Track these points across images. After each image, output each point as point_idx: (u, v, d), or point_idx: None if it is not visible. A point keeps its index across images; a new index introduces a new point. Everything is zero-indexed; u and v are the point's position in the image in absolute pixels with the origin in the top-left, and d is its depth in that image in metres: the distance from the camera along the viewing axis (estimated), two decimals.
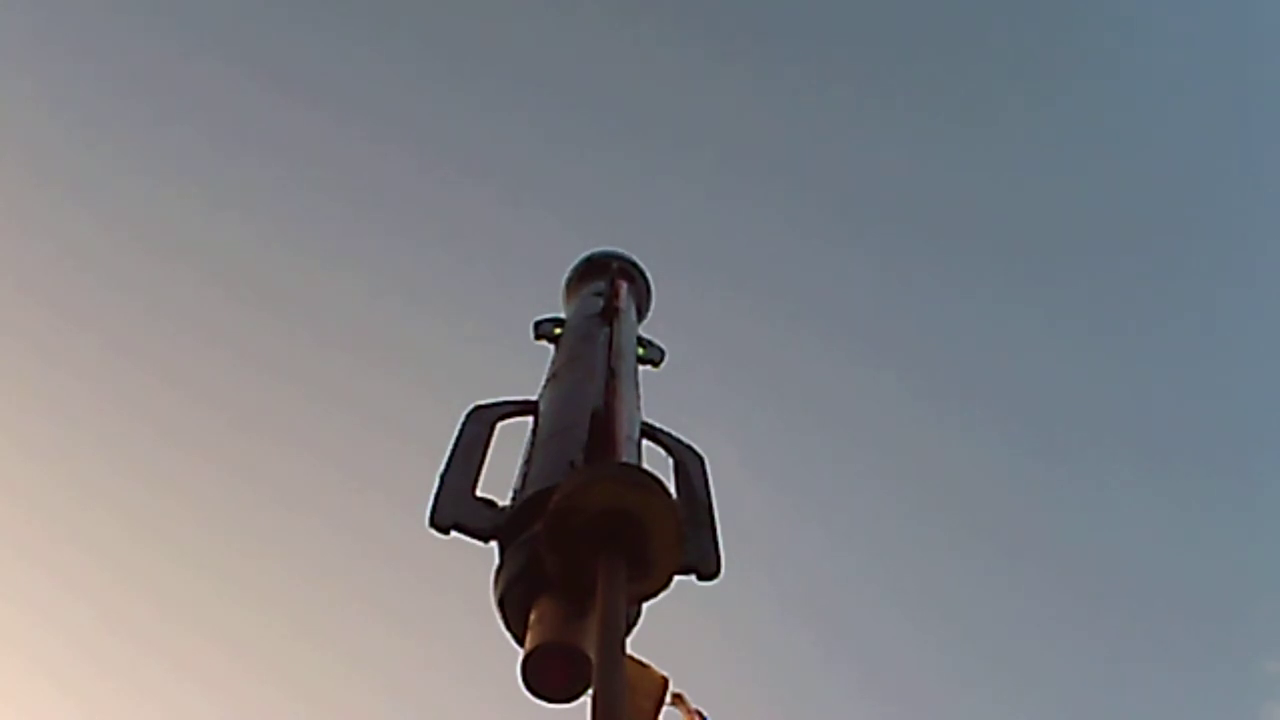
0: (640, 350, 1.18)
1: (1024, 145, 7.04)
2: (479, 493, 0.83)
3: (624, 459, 0.84)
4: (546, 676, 0.69)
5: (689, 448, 0.99)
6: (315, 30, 6.81)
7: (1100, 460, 6.74)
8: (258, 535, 6.44)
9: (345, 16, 6.83)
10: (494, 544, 0.78)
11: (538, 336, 1.17)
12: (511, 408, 0.97)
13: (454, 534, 0.79)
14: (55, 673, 5.93)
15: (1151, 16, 7.19)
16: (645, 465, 0.88)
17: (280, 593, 6.23)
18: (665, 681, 1.70)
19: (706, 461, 0.98)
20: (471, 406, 0.96)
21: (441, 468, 0.86)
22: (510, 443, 0.92)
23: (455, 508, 0.81)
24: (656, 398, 1.06)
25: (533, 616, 0.71)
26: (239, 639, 6.00)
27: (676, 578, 0.72)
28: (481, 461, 0.88)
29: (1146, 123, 6.95)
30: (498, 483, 0.85)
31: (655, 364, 1.21)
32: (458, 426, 0.93)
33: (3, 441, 6.16)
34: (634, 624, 0.75)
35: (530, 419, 0.96)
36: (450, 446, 0.89)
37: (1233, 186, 6.92)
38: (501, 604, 0.74)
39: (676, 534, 0.70)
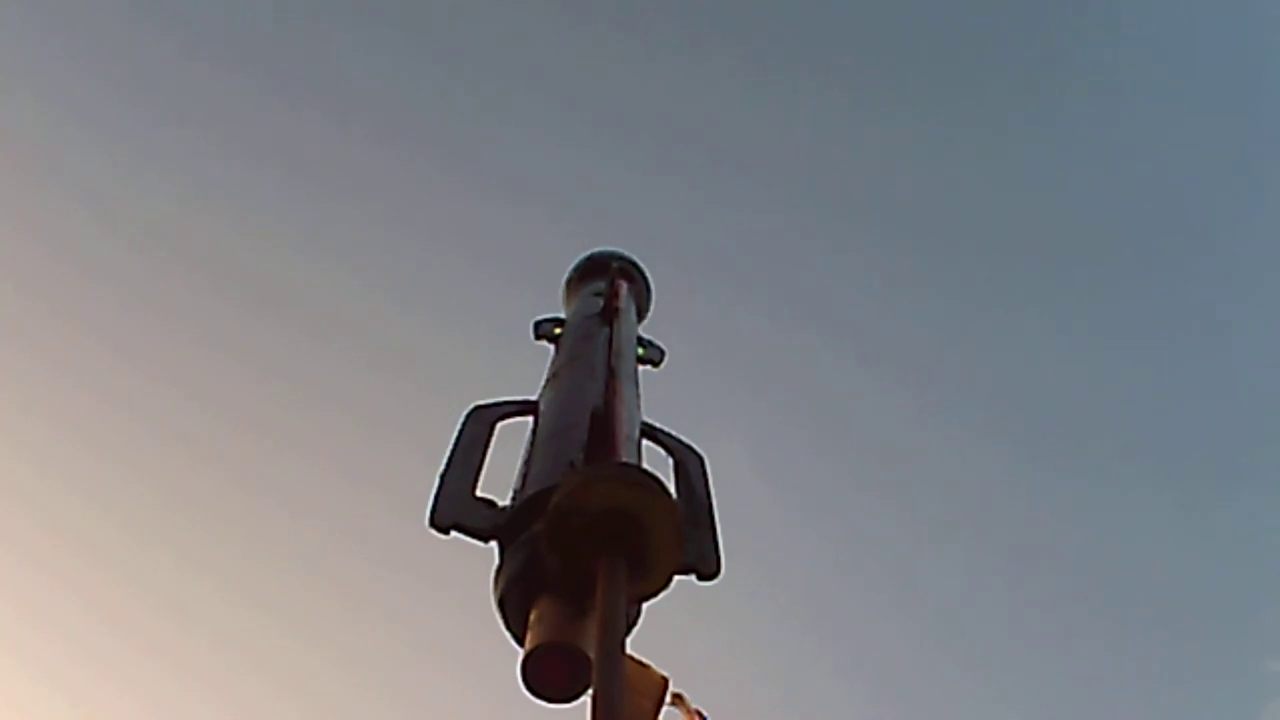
0: (640, 350, 1.18)
1: (1030, 149, 7.04)
2: (479, 493, 0.83)
3: (624, 459, 0.84)
4: (546, 676, 0.69)
5: (689, 448, 0.98)
6: (315, 30, 6.81)
7: (1103, 462, 6.74)
8: (257, 535, 6.45)
9: (345, 16, 6.83)
10: (494, 544, 0.78)
11: (538, 336, 1.17)
12: (511, 408, 0.97)
13: (454, 534, 0.78)
14: (55, 673, 5.93)
15: (1156, 20, 7.20)
16: (645, 465, 0.88)
17: (280, 593, 6.23)
18: (665, 681, 1.69)
19: (706, 461, 0.97)
20: (471, 406, 0.96)
21: (441, 468, 0.85)
22: (510, 443, 0.92)
23: (455, 508, 0.80)
24: (656, 398, 1.06)
25: (533, 616, 0.71)
26: (238, 639, 6.01)
27: (676, 578, 0.72)
28: (481, 461, 0.88)
29: (1153, 126, 6.96)
30: (498, 483, 0.85)
31: (655, 364, 1.21)
32: (458, 426, 0.93)
33: (1, 442, 6.16)
34: (634, 624, 0.75)
35: (530, 419, 0.96)
36: (450, 446, 0.89)
37: (1237, 190, 6.92)
38: (501, 604, 0.74)
39: (676, 534, 0.70)
